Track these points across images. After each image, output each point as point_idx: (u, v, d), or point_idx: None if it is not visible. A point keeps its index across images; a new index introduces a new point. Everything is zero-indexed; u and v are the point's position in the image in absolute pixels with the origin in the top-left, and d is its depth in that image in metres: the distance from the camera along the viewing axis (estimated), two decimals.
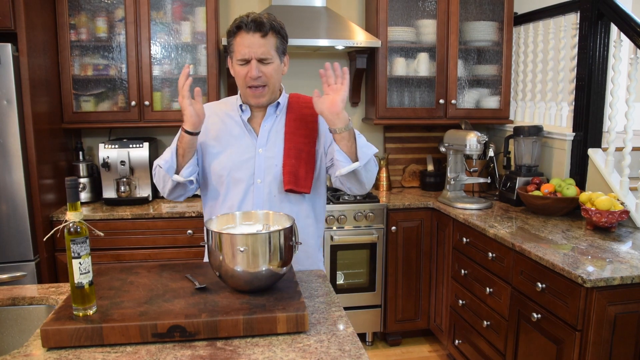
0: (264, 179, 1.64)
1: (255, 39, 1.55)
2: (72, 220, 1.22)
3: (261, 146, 1.65)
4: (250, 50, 1.55)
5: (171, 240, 2.82)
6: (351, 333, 1.28)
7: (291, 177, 1.61)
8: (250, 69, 1.56)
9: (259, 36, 1.55)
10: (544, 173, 3.03)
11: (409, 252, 3.13)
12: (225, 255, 1.32)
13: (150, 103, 3.02)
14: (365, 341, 3.25)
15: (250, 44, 1.55)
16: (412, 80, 3.42)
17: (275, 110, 1.68)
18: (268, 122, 1.68)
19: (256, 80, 1.57)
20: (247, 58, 1.56)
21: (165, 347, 1.20)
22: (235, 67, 1.61)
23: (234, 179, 1.65)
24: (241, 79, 1.60)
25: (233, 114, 1.70)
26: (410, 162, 3.67)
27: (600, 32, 2.68)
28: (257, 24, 1.54)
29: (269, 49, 1.57)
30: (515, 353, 2.27)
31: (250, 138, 1.66)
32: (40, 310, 1.54)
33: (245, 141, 1.66)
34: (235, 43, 1.58)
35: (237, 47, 1.58)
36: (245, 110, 1.67)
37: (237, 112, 1.69)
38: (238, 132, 1.67)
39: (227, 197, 1.66)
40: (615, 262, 1.94)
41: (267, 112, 1.67)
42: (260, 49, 1.55)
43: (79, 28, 2.95)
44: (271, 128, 1.67)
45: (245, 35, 1.55)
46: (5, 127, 2.46)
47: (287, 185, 1.61)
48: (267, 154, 1.65)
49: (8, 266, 2.54)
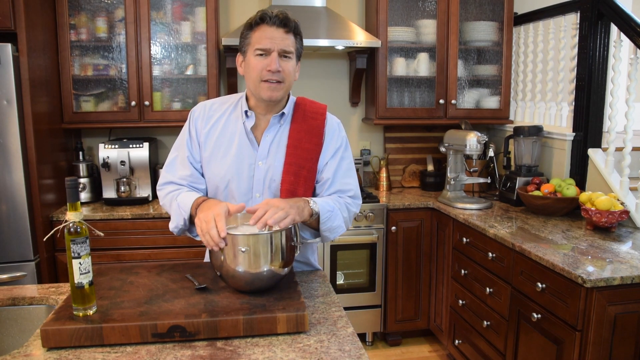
0: (262, 193, 1.58)
1: (279, 33, 1.47)
2: (72, 220, 1.22)
3: (261, 159, 1.57)
4: (273, 42, 1.46)
5: (171, 240, 2.82)
6: (351, 333, 1.28)
7: (289, 195, 1.54)
8: (270, 61, 1.47)
9: (283, 31, 1.48)
10: (544, 173, 3.03)
11: (409, 252, 3.13)
12: (227, 255, 1.32)
13: (150, 103, 3.02)
14: (365, 341, 3.25)
15: (273, 36, 1.47)
16: (412, 80, 3.42)
17: (280, 120, 1.59)
18: (270, 133, 1.58)
19: (275, 75, 1.47)
20: (269, 48, 1.47)
21: (165, 347, 1.20)
22: (250, 60, 1.50)
23: (231, 191, 1.58)
24: (257, 71, 1.48)
25: (235, 119, 1.60)
26: (410, 162, 3.67)
27: (600, 32, 2.68)
28: (283, 19, 1.47)
29: (291, 45, 1.50)
30: (515, 353, 2.27)
31: (251, 149, 1.57)
32: (40, 310, 1.54)
33: (245, 151, 1.57)
34: (254, 35, 1.48)
35: (256, 39, 1.48)
36: (250, 117, 1.57)
37: (240, 116, 1.59)
38: (239, 140, 1.58)
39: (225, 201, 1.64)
40: (615, 262, 1.94)
41: (271, 122, 1.57)
42: (284, 41, 1.47)
43: (79, 28, 2.95)
44: (273, 140, 1.58)
45: (267, 28, 1.47)
46: (5, 127, 2.46)
47: None
48: (266, 167, 1.57)
49: (8, 266, 2.54)
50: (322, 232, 1.52)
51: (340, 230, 1.57)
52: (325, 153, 1.61)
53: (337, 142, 1.63)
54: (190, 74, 3.12)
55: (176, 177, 1.61)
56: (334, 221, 1.52)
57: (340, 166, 1.62)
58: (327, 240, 1.56)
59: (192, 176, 1.61)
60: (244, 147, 1.57)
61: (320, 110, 1.63)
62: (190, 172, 1.60)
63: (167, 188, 1.61)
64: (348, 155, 1.65)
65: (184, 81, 3.16)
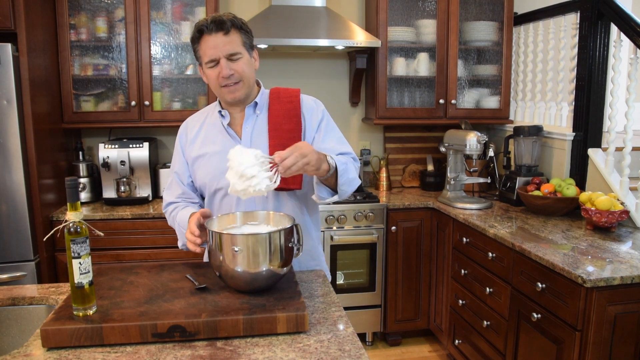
0: None
1: (219, 39, 1.52)
2: (72, 220, 1.22)
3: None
4: (217, 49, 1.52)
5: (171, 240, 2.82)
6: (351, 333, 1.28)
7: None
8: (221, 69, 1.53)
9: (222, 35, 1.52)
10: (544, 173, 3.03)
11: (409, 252, 3.13)
12: (226, 255, 1.32)
13: (150, 103, 3.02)
14: (365, 341, 3.25)
15: (215, 44, 1.52)
16: (412, 80, 3.42)
17: (254, 110, 1.65)
18: (249, 123, 1.64)
19: (229, 79, 1.54)
20: (215, 58, 1.53)
21: (165, 347, 1.20)
22: (206, 72, 1.58)
23: (224, 187, 1.62)
24: (214, 80, 1.56)
25: (213, 121, 1.68)
26: (410, 162, 3.67)
27: (600, 32, 2.68)
28: (218, 24, 1.51)
29: (235, 45, 1.53)
30: (515, 353, 2.27)
31: (233, 142, 1.63)
32: (40, 310, 1.54)
33: (229, 146, 1.59)
34: (201, 48, 1.55)
35: (203, 51, 1.54)
36: (225, 116, 1.64)
37: (217, 118, 1.67)
38: (220, 138, 1.65)
39: (223, 203, 1.66)
40: (615, 262, 1.94)
41: (246, 114, 1.64)
42: (226, 46, 1.52)
43: (79, 28, 2.95)
44: (253, 128, 1.64)
45: (208, 37, 1.52)
46: (5, 127, 2.46)
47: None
48: None
49: (8, 266, 2.54)
50: (340, 187, 1.51)
51: (355, 182, 1.58)
52: (309, 130, 1.66)
53: (318, 116, 1.68)
54: (190, 74, 3.12)
55: (173, 197, 1.75)
56: (350, 173, 1.54)
57: (328, 136, 1.66)
58: (344, 195, 1.55)
59: (184, 194, 1.74)
60: (227, 143, 1.64)
61: (295, 93, 1.69)
62: (181, 190, 1.74)
63: (168, 209, 1.76)
64: (333, 126, 1.70)
65: (184, 81, 3.16)
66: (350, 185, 1.56)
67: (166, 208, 1.77)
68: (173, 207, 1.73)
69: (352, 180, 1.56)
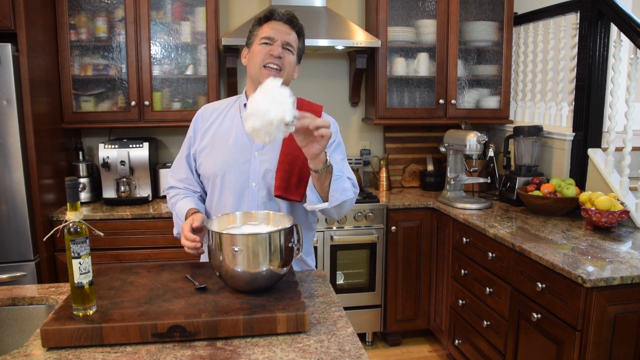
0: (258, 183, 1.63)
1: (285, 28, 1.58)
2: (72, 220, 1.22)
3: (257, 149, 1.63)
4: (279, 33, 1.56)
5: (171, 240, 2.82)
6: (351, 333, 1.28)
7: (282, 183, 1.58)
8: (273, 47, 1.55)
9: (288, 27, 1.58)
10: (544, 173, 3.03)
11: (409, 252, 3.13)
12: (226, 255, 1.32)
13: (150, 103, 3.02)
14: (365, 341, 3.25)
15: (280, 29, 1.57)
16: (412, 80, 3.42)
17: None
18: None
19: (276, 60, 1.55)
20: (273, 37, 1.55)
21: (165, 347, 1.20)
22: (254, 49, 1.59)
23: (228, 181, 1.63)
24: (260, 56, 1.56)
25: (233, 113, 1.69)
26: (410, 162, 3.67)
27: (600, 32, 2.68)
28: (290, 17, 1.58)
29: (293, 41, 1.59)
30: (515, 353, 2.27)
31: (247, 140, 1.63)
32: (40, 310, 1.54)
33: (242, 142, 1.63)
34: (262, 28, 1.59)
35: (262, 30, 1.58)
36: None
37: (237, 111, 1.68)
38: (236, 132, 1.65)
39: (222, 198, 1.66)
40: (615, 262, 1.94)
41: None
42: (288, 35, 1.57)
43: (79, 28, 2.95)
44: None
45: (275, 23, 1.58)
46: (5, 127, 2.46)
47: (277, 191, 1.59)
48: (262, 157, 1.62)
49: (8, 266, 2.54)
50: (331, 191, 1.47)
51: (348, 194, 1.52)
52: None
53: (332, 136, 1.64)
54: (190, 74, 3.12)
55: (175, 179, 1.75)
56: (343, 183, 1.51)
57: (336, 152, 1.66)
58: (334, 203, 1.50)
59: (187, 179, 1.74)
60: (241, 138, 1.64)
61: (317, 109, 1.69)
62: (185, 175, 1.73)
63: (170, 193, 1.77)
64: (342, 150, 1.70)
65: (184, 81, 3.16)
66: (342, 194, 1.50)
67: (168, 191, 1.78)
68: (174, 192, 1.75)
69: (346, 191, 1.51)
